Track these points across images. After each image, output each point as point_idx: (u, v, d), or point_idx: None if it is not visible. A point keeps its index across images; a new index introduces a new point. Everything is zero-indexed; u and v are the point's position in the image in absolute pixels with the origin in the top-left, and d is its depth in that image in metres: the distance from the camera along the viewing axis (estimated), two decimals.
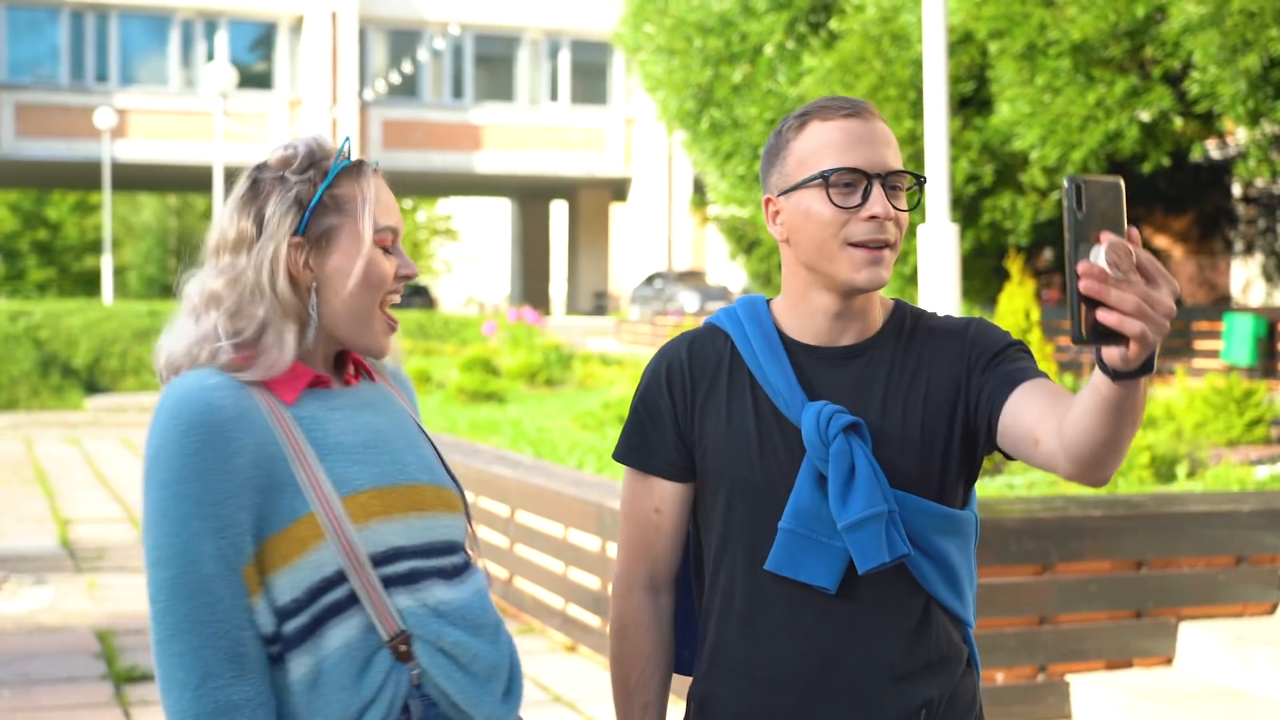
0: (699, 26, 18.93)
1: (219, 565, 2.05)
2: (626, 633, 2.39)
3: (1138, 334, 1.73)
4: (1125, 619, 6.06)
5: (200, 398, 2.07)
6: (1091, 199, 1.74)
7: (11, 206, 54.13)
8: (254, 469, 2.07)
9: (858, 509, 2.15)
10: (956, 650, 2.27)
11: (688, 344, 2.34)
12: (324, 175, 2.17)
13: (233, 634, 2.05)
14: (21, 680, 6.96)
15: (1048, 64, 14.39)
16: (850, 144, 2.19)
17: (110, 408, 24.29)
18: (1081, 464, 2.00)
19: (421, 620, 2.14)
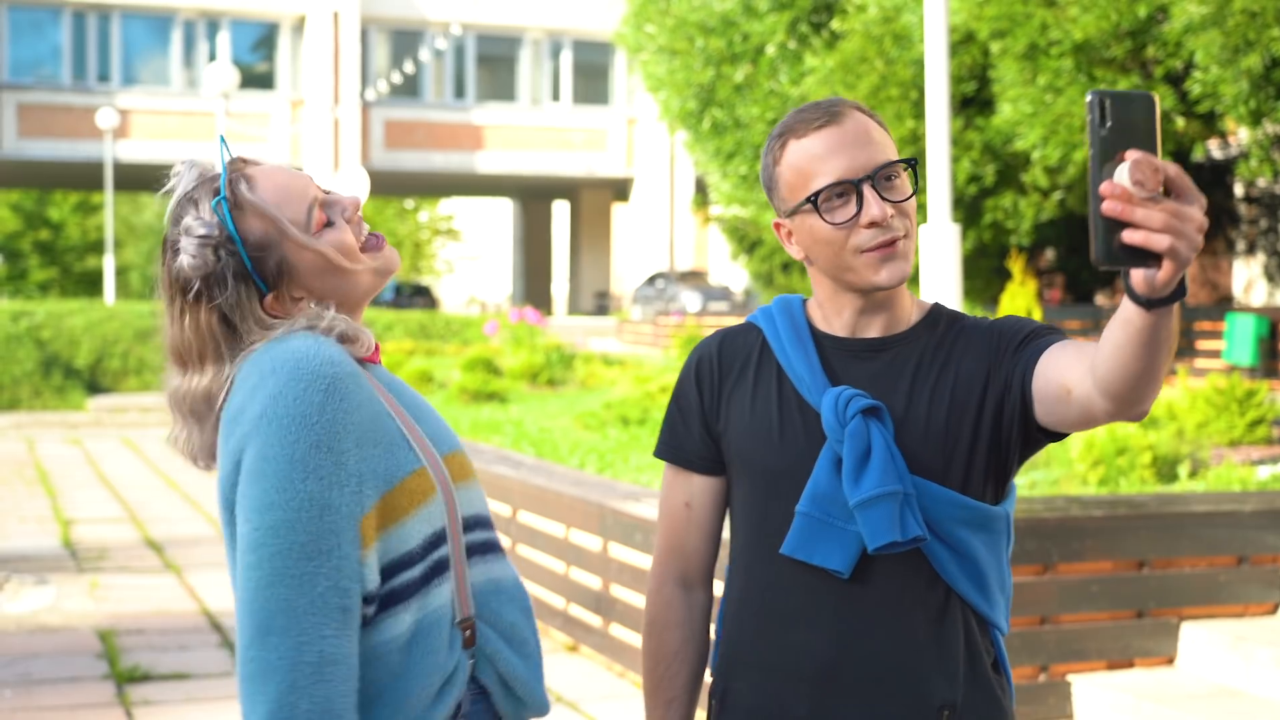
0: (701, 26, 18.93)
1: (338, 514, 2.00)
2: (655, 628, 2.40)
3: (1167, 248, 1.64)
4: (1127, 619, 6.06)
5: (321, 352, 2.04)
6: (1118, 114, 1.64)
7: (13, 207, 54.16)
8: (372, 423, 2.06)
9: (870, 486, 2.15)
10: (980, 651, 2.23)
11: (720, 339, 2.38)
12: (231, 242, 2.12)
13: (344, 585, 1.99)
14: (23, 680, 6.96)
15: (1049, 64, 14.39)
16: (830, 154, 2.19)
17: (112, 408, 24.30)
18: (1118, 400, 1.93)
19: (485, 598, 2.14)
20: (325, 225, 2.15)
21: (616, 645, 7.02)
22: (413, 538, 2.06)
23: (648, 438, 10.74)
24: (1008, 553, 2.27)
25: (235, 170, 2.15)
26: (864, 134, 2.19)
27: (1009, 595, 2.28)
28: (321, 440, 2.00)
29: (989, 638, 2.26)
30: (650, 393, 13.46)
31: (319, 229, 2.14)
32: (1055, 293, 20.57)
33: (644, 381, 14.78)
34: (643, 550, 6.71)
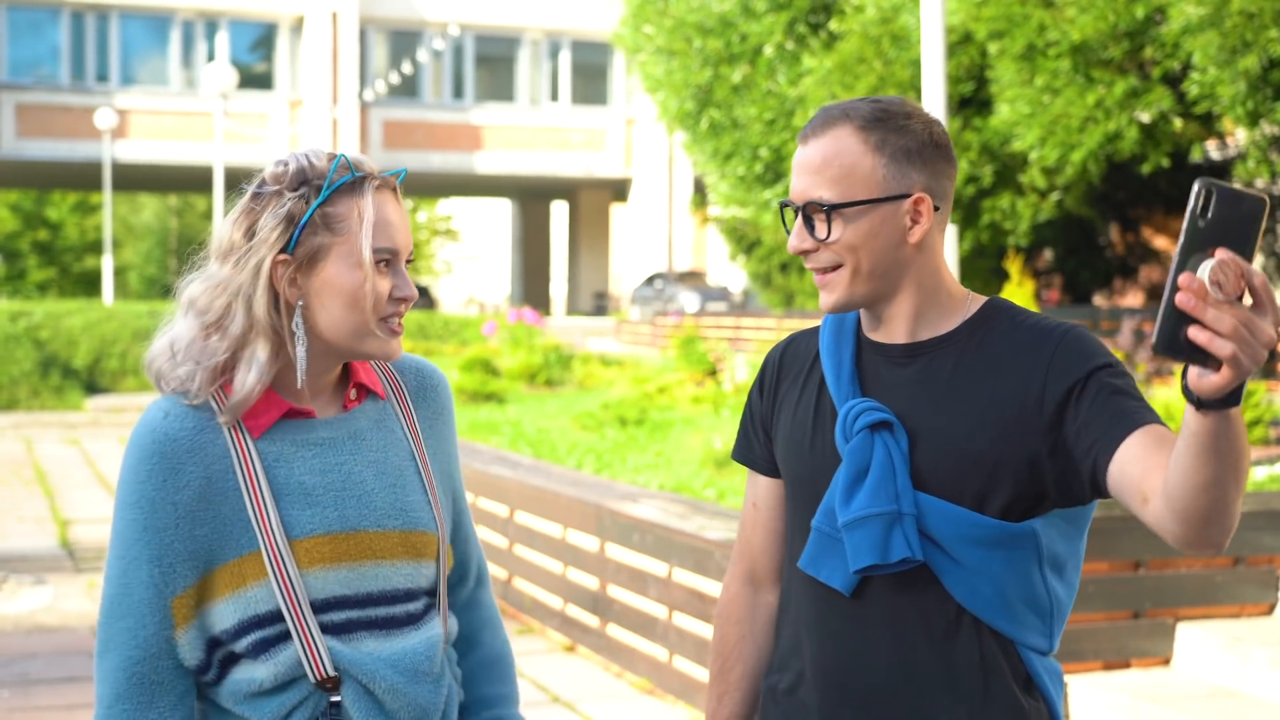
0: (699, 27, 18.94)
1: (149, 591, 2.10)
2: (719, 621, 2.42)
3: (1228, 356, 1.61)
4: (1123, 620, 6.07)
5: (159, 427, 2.11)
6: (1222, 208, 1.61)
7: (12, 207, 54.14)
8: (200, 502, 2.10)
9: (858, 507, 2.12)
10: (997, 671, 2.15)
11: (788, 342, 2.38)
12: (317, 192, 2.13)
13: (151, 661, 2.10)
14: (21, 680, 6.96)
15: (1047, 65, 14.39)
16: (794, 171, 2.20)
17: (110, 408, 24.29)
18: (1187, 521, 1.85)
19: (355, 661, 2.14)
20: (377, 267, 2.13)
21: (614, 645, 7.02)
22: (224, 619, 2.11)
23: (645, 438, 10.75)
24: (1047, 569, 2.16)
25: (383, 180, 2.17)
26: (816, 162, 2.16)
27: (1050, 612, 2.17)
28: (139, 519, 2.10)
29: (1017, 657, 2.17)
30: (648, 393, 13.46)
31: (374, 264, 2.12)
32: (1053, 293, 20.58)
33: (642, 382, 14.79)
34: (640, 551, 6.71)
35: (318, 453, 2.16)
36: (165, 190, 51.49)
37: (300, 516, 2.12)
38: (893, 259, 2.16)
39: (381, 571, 2.17)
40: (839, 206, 2.13)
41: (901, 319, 2.20)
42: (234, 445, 2.12)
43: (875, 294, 2.18)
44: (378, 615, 2.16)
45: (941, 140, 2.19)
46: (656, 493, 7.59)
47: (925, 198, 2.16)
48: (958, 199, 15.66)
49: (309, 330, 2.14)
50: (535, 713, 6.46)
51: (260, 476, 2.11)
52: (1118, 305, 20.37)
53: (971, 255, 16.35)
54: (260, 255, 2.11)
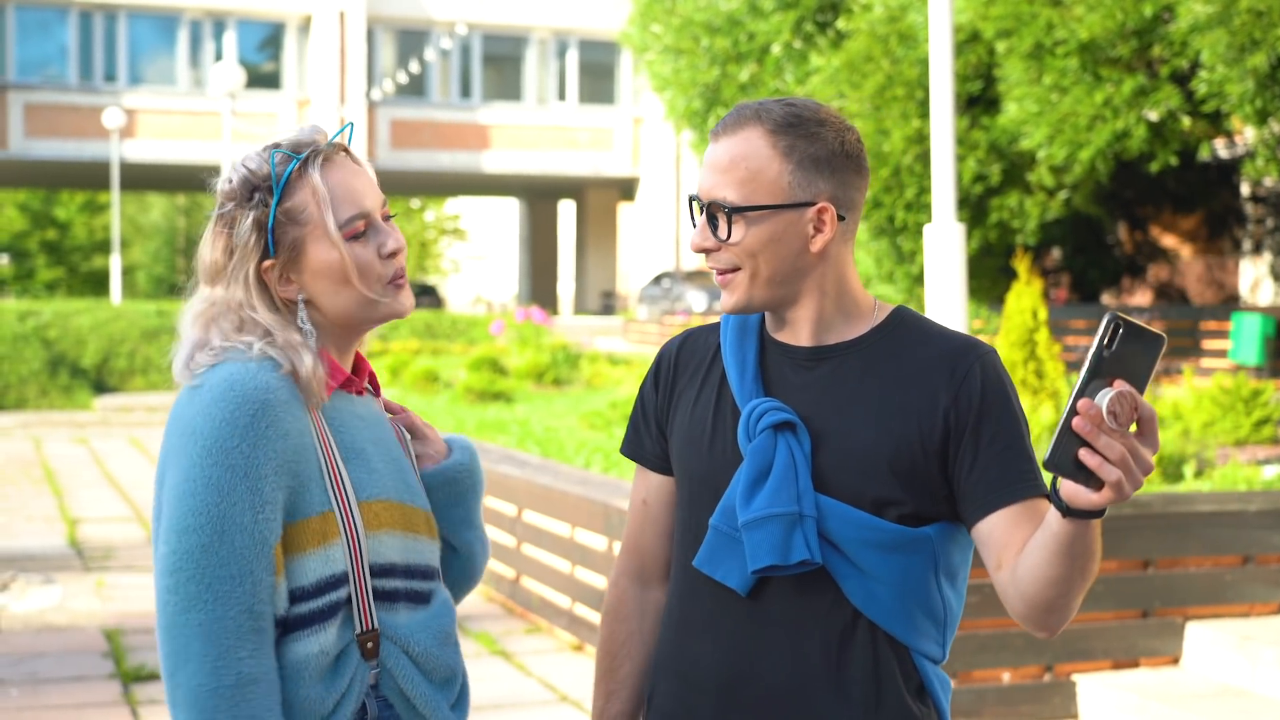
0: (706, 26, 18.93)
1: (252, 539, 2.07)
2: (606, 619, 2.40)
3: (1114, 481, 1.75)
4: (1132, 619, 6.06)
5: (256, 378, 2.11)
6: (1127, 342, 1.74)
7: (20, 206, 54.21)
8: (295, 454, 2.11)
9: (758, 507, 2.11)
10: (891, 676, 2.14)
11: (683, 338, 2.36)
12: (270, 194, 2.17)
13: (257, 608, 2.06)
14: (30, 679, 6.97)
15: (1055, 63, 14.37)
16: (702, 169, 2.20)
17: (119, 407, 24.32)
18: (1029, 605, 2.00)
19: (394, 625, 2.19)
20: (357, 237, 2.18)
21: None
22: (307, 575, 2.12)
23: None
24: (942, 576, 2.17)
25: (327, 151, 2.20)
26: (723, 160, 2.15)
27: (944, 620, 2.18)
28: (240, 465, 2.07)
29: (910, 663, 2.16)
30: None
31: (349, 236, 2.17)
32: (1061, 292, 20.55)
33: None
34: None
35: (364, 425, 2.24)
36: (173, 190, 51.55)
37: (365, 480, 2.18)
38: (793, 266, 2.15)
39: (420, 546, 2.24)
40: (741, 209, 2.13)
41: (806, 323, 2.20)
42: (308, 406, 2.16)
43: (775, 299, 2.18)
44: (414, 588, 2.22)
45: (853, 150, 2.18)
46: None
47: (829, 207, 2.15)
48: (965, 197, 15.65)
49: (319, 318, 2.20)
50: (543, 711, 6.46)
51: (331, 439, 2.17)
52: (1126, 304, 20.35)
53: (979, 254, 16.32)
54: (246, 267, 2.17)
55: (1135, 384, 1.75)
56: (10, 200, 53.39)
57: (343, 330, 2.23)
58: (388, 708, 2.19)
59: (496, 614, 8.31)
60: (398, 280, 2.21)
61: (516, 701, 6.60)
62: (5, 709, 6.46)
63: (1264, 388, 10.02)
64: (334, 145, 2.21)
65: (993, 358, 2.16)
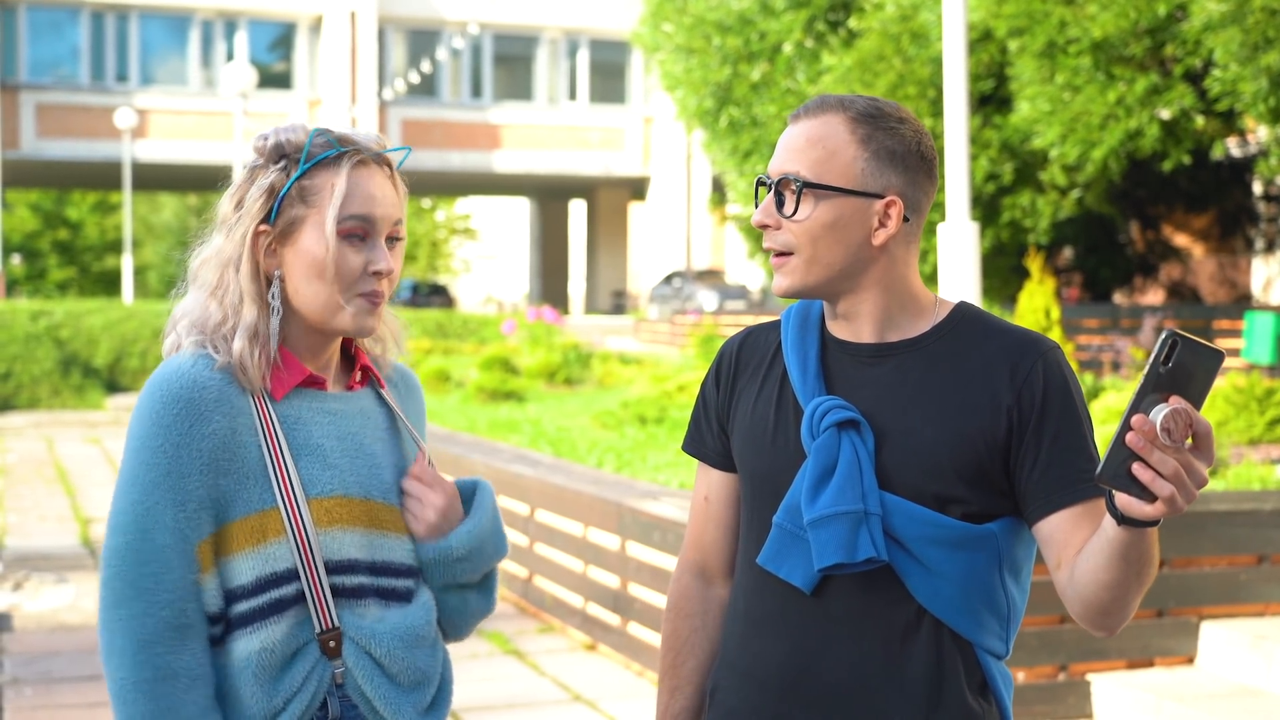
0: (718, 25, 18.92)
1: (173, 536, 2.08)
2: (669, 615, 2.40)
3: (1166, 496, 1.76)
4: (1146, 618, 6.05)
5: (186, 374, 2.12)
6: (1183, 358, 1.74)
7: (32, 206, 54.31)
8: (223, 451, 2.11)
9: (824, 505, 2.11)
10: (954, 673, 2.14)
11: (744, 336, 2.36)
12: (296, 165, 2.18)
13: (178, 604, 2.08)
14: (43, 678, 6.98)
15: (1068, 62, 14.35)
16: (776, 150, 2.19)
17: (130, 407, 24.33)
18: (1086, 606, 2.02)
19: (357, 624, 2.17)
20: (352, 240, 2.17)
21: (635, 644, 7.02)
22: (242, 574, 2.12)
23: (665, 437, 10.74)
24: (1006, 572, 2.17)
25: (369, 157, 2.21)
26: (800, 140, 2.15)
27: (1008, 616, 2.18)
28: (162, 463, 2.09)
29: (973, 659, 2.16)
30: (668, 391, 13.44)
31: (344, 234, 2.16)
32: (1073, 291, 20.52)
33: (661, 380, 14.77)
34: (661, 549, 6.71)
35: (332, 421, 2.21)
36: (185, 190, 51.63)
37: (319, 476, 2.16)
38: (854, 257, 2.15)
39: (389, 543, 2.22)
40: (812, 185, 2.13)
41: (867, 319, 2.19)
42: (255, 403, 2.15)
43: (831, 287, 2.17)
44: (384, 585, 2.21)
45: (928, 154, 2.18)
46: (677, 491, 7.58)
47: (898, 202, 2.14)
48: (977, 196, 15.63)
49: (286, 302, 2.20)
50: (557, 711, 6.46)
51: (280, 435, 2.15)
52: (1138, 303, 20.31)
53: (992, 253, 16.30)
54: (245, 225, 2.18)
55: (1191, 399, 1.75)
56: (22, 200, 53.49)
57: (306, 328, 2.21)
58: (351, 707, 2.18)
59: (509, 613, 8.31)
60: (372, 298, 2.19)
61: (530, 701, 6.60)
62: (19, 708, 6.47)
63: (1277, 386, 9.99)
64: (380, 157, 2.22)
65: (1056, 354, 2.15)
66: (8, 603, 8.74)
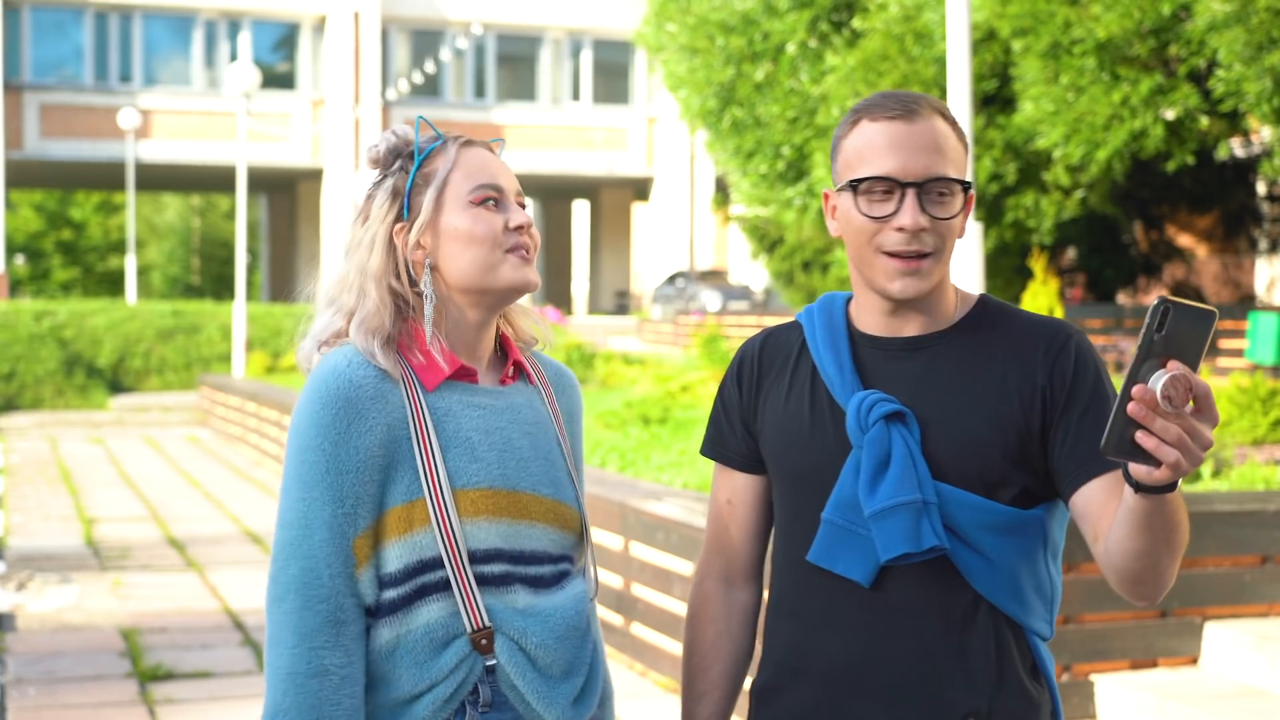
0: (721, 25, 18.92)
1: (331, 532, 2.15)
2: (692, 621, 2.40)
3: (1172, 462, 1.77)
4: (1150, 619, 6.04)
5: (344, 374, 2.18)
6: (1177, 323, 1.75)
7: (36, 206, 54.35)
8: (380, 448, 2.18)
9: (885, 496, 2.12)
10: (1011, 659, 2.18)
11: (764, 337, 2.38)
12: (411, 160, 2.27)
13: (335, 599, 2.15)
14: (47, 678, 6.98)
15: (1072, 62, 14.34)
16: (889, 149, 2.15)
17: (134, 407, 24.36)
18: (1120, 576, 2.03)
19: (508, 618, 2.21)
20: (483, 204, 2.26)
21: (638, 644, 7.02)
22: (393, 561, 2.18)
23: (669, 437, 10.74)
24: (1049, 556, 2.21)
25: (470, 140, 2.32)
26: (928, 142, 2.16)
27: (1051, 599, 2.22)
28: (321, 462, 2.16)
29: (1025, 643, 2.21)
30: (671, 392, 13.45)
31: (477, 201, 2.25)
32: (1077, 291, 20.51)
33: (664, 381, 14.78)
34: (664, 550, 6.70)
35: (481, 414, 2.26)
36: (188, 190, 51.65)
37: (466, 468, 2.21)
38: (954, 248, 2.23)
39: (534, 532, 2.26)
40: (967, 185, 2.19)
41: (926, 313, 2.22)
42: (409, 396, 2.21)
43: (941, 280, 2.22)
44: (529, 573, 2.25)
45: None
46: (680, 491, 7.58)
47: (972, 193, 2.23)
48: (981, 196, 15.63)
49: (442, 288, 2.26)
50: None
51: (430, 428, 2.20)
52: (1141, 303, 20.30)
53: (995, 253, 16.30)
54: (374, 230, 2.26)
55: (1188, 362, 1.76)
56: (26, 200, 53.53)
57: (465, 309, 2.27)
58: (502, 694, 2.22)
59: None
60: (521, 251, 2.27)
61: None
62: (23, 708, 6.47)
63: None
64: (483, 141, 2.34)
65: (1082, 337, 2.21)
66: (11, 602, 8.74)
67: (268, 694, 2.16)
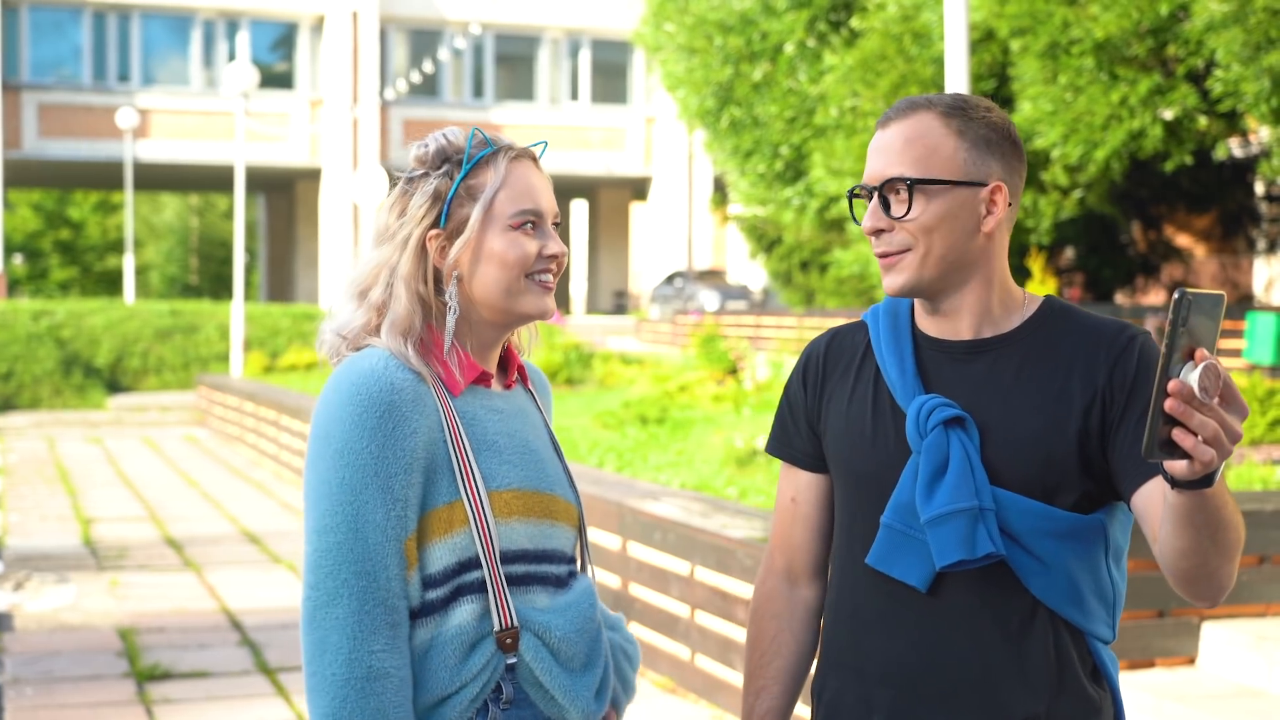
0: (719, 25, 18.92)
1: (385, 536, 2.15)
2: (755, 617, 2.42)
3: (1207, 460, 1.76)
4: (1148, 619, 6.04)
5: (383, 377, 2.18)
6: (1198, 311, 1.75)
7: (34, 206, 54.33)
8: (424, 450, 2.18)
9: (941, 503, 2.12)
10: (1070, 662, 2.18)
11: (830, 336, 2.38)
12: (459, 167, 2.27)
13: (391, 602, 2.15)
14: (44, 678, 6.98)
15: (1070, 62, 14.35)
16: (870, 155, 2.20)
17: (132, 407, 24.36)
18: (1174, 576, 2.02)
19: (531, 615, 2.23)
20: (524, 230, 2.27)
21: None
22: (436, 562, 2.19)
23: (666, 437, 10.74)
24: (1111, 559, 2.20)
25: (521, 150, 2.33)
26: (892, 145, 2.17)
27: (1113, 602, 2.21)
28: (369, 465, 2.15)
29: (1085, 646, 2.20)
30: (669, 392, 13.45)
31: (516, 225, 2.26)
32: (1075, 291, 20.51)
33: (663, 381, 14.78)
34: (661, 550, 6.70)
35: (501, 418, 2.29)
36: (186, 189, 51.63)
37: (496, 470, 2.24)
38: (964, 247, 2.18)
39: (556, 532, 2.30)
40: (921, 182, 2.15)
41: (967, 314, 2.21)
42: (438, 400, 2.22)
43: (942, 282, 2.19)
44: (548, 572, 2.27)
45: (1016, 138, 2.22)
46: (678, 491, 7.58)
47: (1002, 187, 2.18)
48: None
49: (465, 299, 2.27)
50: None
51: (462, 431, 2.23)
52: (1139, 303, 20.31)
53: None
54: (408, 231, 2.26)
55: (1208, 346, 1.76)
56: (24, 200, 53.51)
57: (483, 321, 2.29)
58: (522, 691, 2.23)
59: None
60: (545, 281, 2.29)
61: None
62: (20, 707, 6.47)
63: (1279, 387, 9.99)
64: (528, 151, 2.34)
65: (1146, 338, 2.19)
66: (9, 602, 8.74)
67: (318, 703, 2.12)
